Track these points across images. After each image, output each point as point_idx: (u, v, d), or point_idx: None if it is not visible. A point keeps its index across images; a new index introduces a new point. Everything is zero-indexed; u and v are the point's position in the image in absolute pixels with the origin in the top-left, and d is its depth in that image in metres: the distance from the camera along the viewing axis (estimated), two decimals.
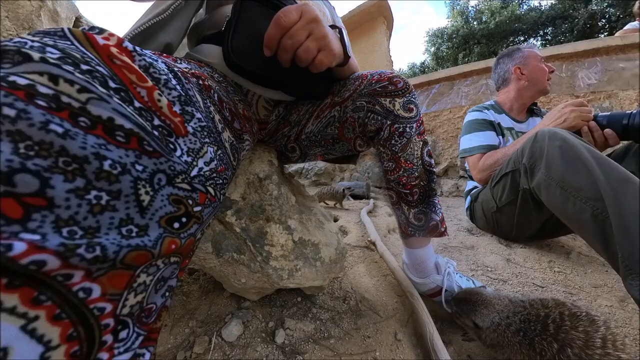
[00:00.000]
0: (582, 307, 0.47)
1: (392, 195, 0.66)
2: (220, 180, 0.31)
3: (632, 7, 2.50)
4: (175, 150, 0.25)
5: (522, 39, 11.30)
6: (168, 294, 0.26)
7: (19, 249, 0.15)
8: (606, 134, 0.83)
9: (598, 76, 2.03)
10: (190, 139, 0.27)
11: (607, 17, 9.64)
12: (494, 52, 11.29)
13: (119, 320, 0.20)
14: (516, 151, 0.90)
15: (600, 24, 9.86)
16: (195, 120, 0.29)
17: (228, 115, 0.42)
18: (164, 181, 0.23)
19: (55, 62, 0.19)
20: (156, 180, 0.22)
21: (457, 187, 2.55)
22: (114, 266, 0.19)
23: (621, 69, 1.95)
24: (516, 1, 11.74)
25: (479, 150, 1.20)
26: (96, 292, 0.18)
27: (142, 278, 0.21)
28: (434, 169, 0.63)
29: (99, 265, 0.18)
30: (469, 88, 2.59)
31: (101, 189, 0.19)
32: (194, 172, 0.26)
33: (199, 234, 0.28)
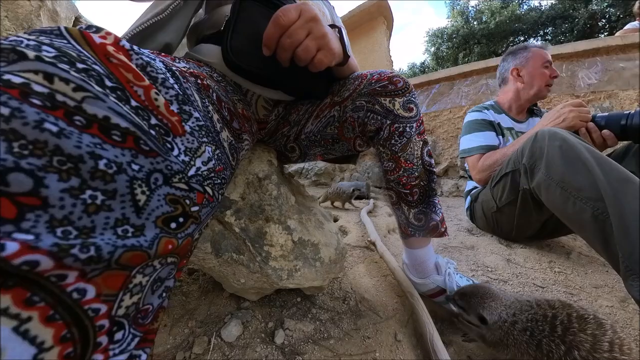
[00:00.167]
0: (589, 310, 0.47)
1: (392, 195, 0.66)
2: (219, 180, 0.31)
3: (632, 7, 2.50)
4: (173, 150, 0.25)
5: (522, 39, 11.30)
6: (165, 294, 0.26)
7: (11, 249, 0.14)
8: (604, 134, 0.83)
9: (598, 76, 2.03)
10: (187, 138, 0.27)
11: (607, 17, 9.64)
12: (494, 52, 11.30)
13: (114, 322, 0.20)
14: (516, 151, 0.90)
15: (600, 24, 9.86)
16: (193, 120, 0.29)
17: (227, 114, 0.42)
18: (161, 181, 0.23)
19: (50, 60, 0.19)
20: (153, 179, 0.22)
21: (457, 187, 2.55)
22: (109, 267, 0.19)
23: (621, 68, 1.95)
24: (516, 1, 11.75)
25: (479, 150, 1.20)
26: (91, 293, 0.18)
27: (138, 279, 0.21)
28: (434, 169, 0.63)
29: (93, 265, 0.18)
30: (469, 88, 2.58)
31: (96, 188, 0.18)
32: (192, 172, 0.26)
33: (196, 234, 0.28)
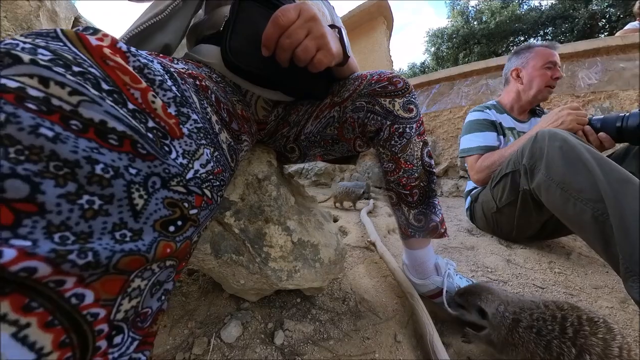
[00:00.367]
0: (598, 313, 0.46)
1: (392, 196, 0.66)
2: (217, 182, 0.31)
3: (632, 7, 2.49)
4: (170, 153, 0.25)
5: (522, 39, 11.30)
6: (164, 297, 0.26)
7: (8, 256, 0.14)
8: (601, 137, 0.83)
9: (598, 76, 2.03)
10: (185, 140, 0.27)
11: (607, 17, 9.63)
12: (494, 52, 11.29)
13: (113, 326, 0.20)
14: (516, 152, 0.89)
15: (600, 24, 9.85)
16: (191, 122, 0.29)
17: (226, 116, 0.42)
18: (159, 184, 0.23)
19: (46, 64, 0.18)
20: (150, 183, 0.22)
21: (457, 188, 2.55)
22: (107, 271, 0.18)
23: (621, 69, 1.95)
24: (516, 1, 11.73)
25: (478, 151, 1.20)
26: (89, 297, 0.18)
27: (136, 283, 0.21)
28: (434, 170, 0.63)
29: (91, 271, 0.18)
30: (469, 88, 2.58)
31: (93, 193, 0.18)
32: (190, 175, 0.26)
33: (195, 236, 0.28)
